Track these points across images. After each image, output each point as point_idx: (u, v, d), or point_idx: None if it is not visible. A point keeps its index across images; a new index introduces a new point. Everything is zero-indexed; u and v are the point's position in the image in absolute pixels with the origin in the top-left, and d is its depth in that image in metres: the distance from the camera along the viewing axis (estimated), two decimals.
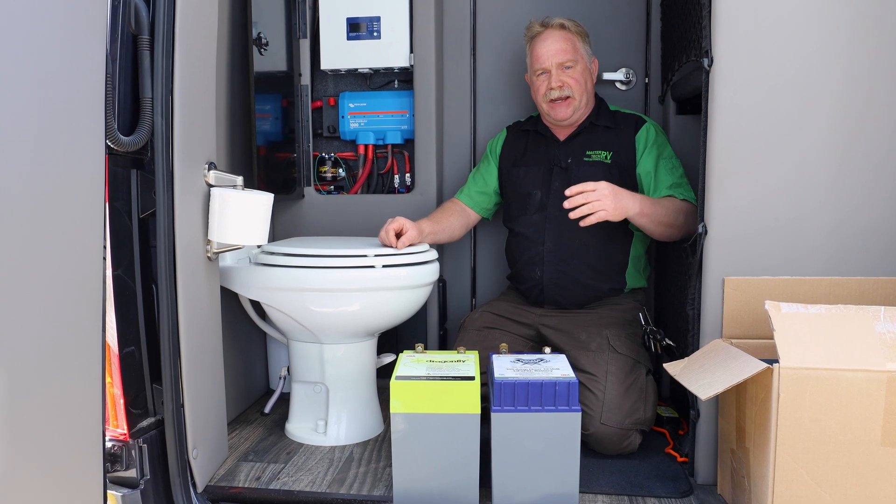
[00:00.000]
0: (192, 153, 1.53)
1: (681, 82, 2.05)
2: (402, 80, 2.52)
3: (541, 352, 1.72)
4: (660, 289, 2.29)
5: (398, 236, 1.89)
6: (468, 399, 1.51)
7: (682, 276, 1.83)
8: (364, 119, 2.50)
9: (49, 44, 1.08)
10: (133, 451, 1.44)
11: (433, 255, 1.94)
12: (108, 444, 1.42)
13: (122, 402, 1.42)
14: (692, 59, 1.75)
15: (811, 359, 1.29)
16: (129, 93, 1.42)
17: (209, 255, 1.63)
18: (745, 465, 1.44)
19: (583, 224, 1.74)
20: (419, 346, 1.75)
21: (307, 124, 2.51)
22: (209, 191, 1.61)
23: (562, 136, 2.13)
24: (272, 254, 1.86)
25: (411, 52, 2.38)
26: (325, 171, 2.56)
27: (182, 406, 1.52)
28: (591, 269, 2.02)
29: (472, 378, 1.53)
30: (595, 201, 1.71)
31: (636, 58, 2.41)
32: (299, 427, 1.97)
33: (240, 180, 1.68)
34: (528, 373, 1.54)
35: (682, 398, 1.90)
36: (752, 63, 1.54)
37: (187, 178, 1.52)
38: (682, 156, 2.15)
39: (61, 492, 1.16)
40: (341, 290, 1.80)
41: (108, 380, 1.40)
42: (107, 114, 1.25)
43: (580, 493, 1.57)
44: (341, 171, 2.56)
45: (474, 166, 2.40)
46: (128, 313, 1.45)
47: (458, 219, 2.20)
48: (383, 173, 2.56)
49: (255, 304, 2.04)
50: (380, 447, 1.90)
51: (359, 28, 2.38)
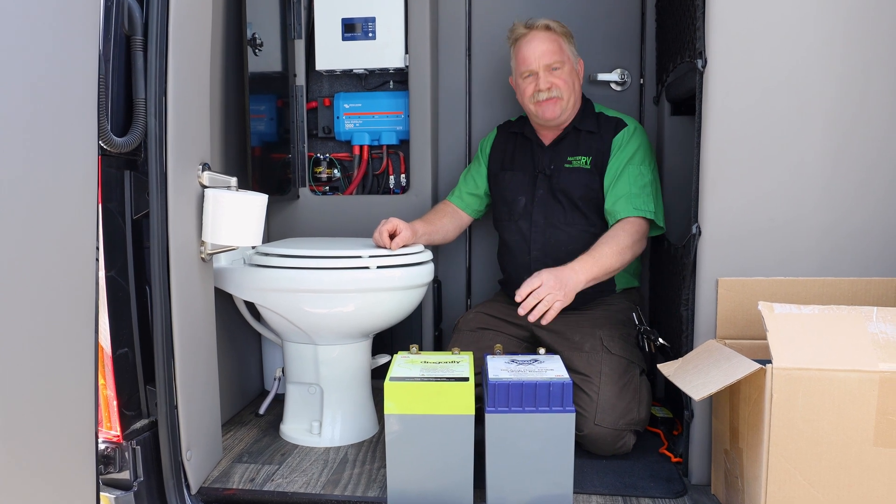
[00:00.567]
0: (185, 154, 1.53)
1: (675, 83, 2.05)
2: (397, 80, 2.52)
3: (535, 353, 1.72)
4: (654, 289, 2.29)
5: (392, 237, 1.89)
6: (462, 400, 1.52)
7: (676, 277, 1.83)
8: (359, 120, 2.50)
9: (41, 44, 1.08)
10: (126, 453, 1.43)
11: (428, 255, 1.94)
12: (102, 446, 1.42)
13: (115, 403, 1.42)
14: (686, 61, 1.75)
15: (804, 359, 1.30)
16: (122, 94, 1.41)
17: (203, 256, 1.63)
18: (738, 465, 1.45)
19: (544, 322, 1.74)
20: (414, 347, 1.75)
21: (302, 125, 2.51)
22: (203, 192, 1.61)
23: (547, 139, 2.11)
24: (267, 255, 1.86)
25: (406, 52, 2.38)
26: (320, 172, 2.56)
27: (176, 407, 1.52)
28: None
29: (466, 379, 1.53)
30: (546, 296, 1.72)
31: (631, 59, 2.41)
32: (294, 428, 1.97)
33: (234, 181, 1.68)
34: (523, 374, 1.55)
35: (676, 398, 1.90)
36: (745, 65, 1.54)
37: (181, 179, 1.51)
38: (677, 157, 2.15)
39: (54, 494, 1.15)
40: (336, 291, 1.80)
41: (101, 381, 1.39)
42: (100, 115, 1.24)
43: (574, 493, 1.57)
44: (336, 171, 2.56)
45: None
46: (121, 315, 1.44)
47: (450, 220, 2.20)
48: (378, 174, 2.56)
49: (250, 306, 2.03)
50: (374, 448, 1.90)
51: (354, 28, 2.38)
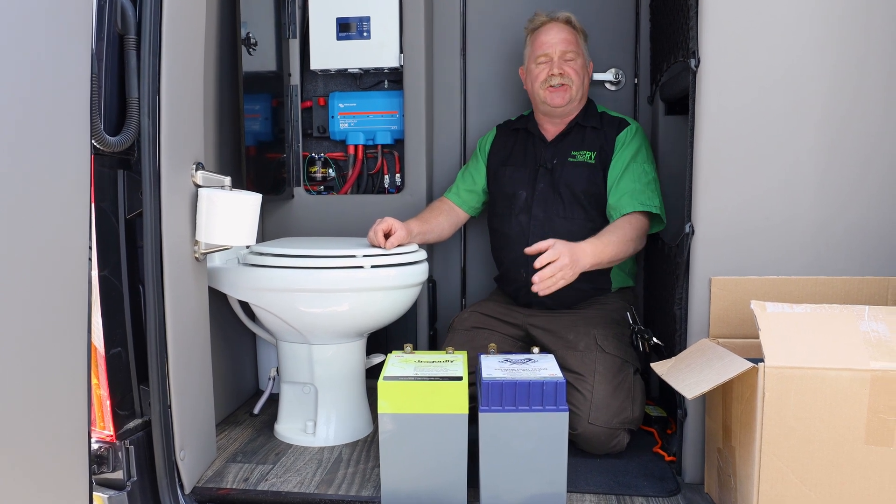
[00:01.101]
0: (179, 153, 1.53)
1: (669, 83, 2.05)
2: (391, 80, 2.52)
3: (529, 352, 1.73)
4: (648, 288, 2.30)
5: (387, 237, 1.89)
6: (456, 399, 1.52)
7: (669, 276, 1.84)
8: (354, 119, 2.50)
9: (34, 43, 1.07)
10: (120, 453, 1.43)
11: (422, 255, 1.94)
12: (95, 446, 1.41)
13: (108, 403, 1.42)
14: (680, 60, 1.75)
15: (796, 358, 1.30)
16: (115, 93, 1.41)
17: (197, 255, 1.63)
18: (731, 463, 1.45)
19: (545, 293, 1.76)
20: (408, 347, 1.75)
21: (297, 124, 2.51)
22: (197, 191, 1.61)
23: (550, 134, 2.13)
24: (261, 254, 1.85)
25: (401, 52, 2.38)
26: (314, 172, 2.56)
27: (169, 407, 1.51)
28: None
29: (459, 378, 1.53)
30: (559, 271, 1.74)
31: (625, 58, 2.42)
32: (288, 428, 1.97)
33: (228, 181, 1.67)
34: (516, 373, 1.55)
35: (670, 397, 1.90)
36: (738, 64, 1.55)
37: (174, 178, 1.51)
38: (671, 156, 2.15)
39: (47, 494, 1.15)
40: (330, 291, 1.80)
41: (94, 381, 1.39)
42: (92, 114, 1.24)
43: (568, 492, 1.57)
44: (331, 171, 2.56)
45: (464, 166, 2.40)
46: (114, 314, 1.44)
47: (446, 218, 2.21)
48: (373, 173, 2.56)
49: (244, 305, 2.03)
50: (369, 448, 1.90)
51: (348, 28, 2.38)
